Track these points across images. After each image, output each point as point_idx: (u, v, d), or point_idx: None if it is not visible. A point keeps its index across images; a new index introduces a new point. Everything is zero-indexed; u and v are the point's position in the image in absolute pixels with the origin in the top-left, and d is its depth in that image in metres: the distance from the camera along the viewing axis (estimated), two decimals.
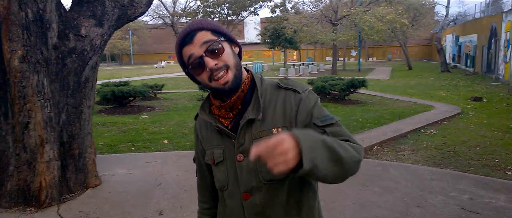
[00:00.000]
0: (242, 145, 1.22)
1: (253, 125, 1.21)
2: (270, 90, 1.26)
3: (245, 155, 1.22)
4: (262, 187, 1.23)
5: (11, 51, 3.84)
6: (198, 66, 1.17)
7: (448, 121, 8.70)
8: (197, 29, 1.19)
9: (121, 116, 10.08)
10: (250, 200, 1.25)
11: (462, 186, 4.39)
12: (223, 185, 1.30)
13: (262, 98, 1.23)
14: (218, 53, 1.17)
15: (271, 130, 1.21)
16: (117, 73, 32.26)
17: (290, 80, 1.29)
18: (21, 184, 4.07)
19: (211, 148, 1.31)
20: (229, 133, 1.23)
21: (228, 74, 1.18)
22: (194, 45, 1.17)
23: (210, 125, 1.30)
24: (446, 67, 25.80)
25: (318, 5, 29.25)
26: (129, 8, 4.95)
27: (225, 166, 1.27)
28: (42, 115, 4.04)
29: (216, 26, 1.23)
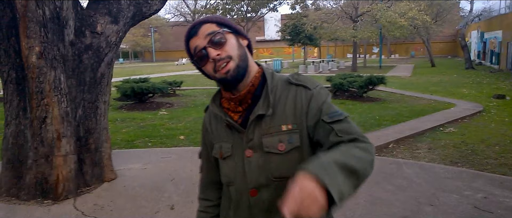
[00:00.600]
0: (251, 140, 1.21)
1: (263, 120, 1.20)
2: (281, 85, 1.25)
3: (254, 150, 1.22)
4: (271, 184, 1.22)
5: (29, 48, 3.96)
6: (202, 57, 1.19)
7: (468, 119, 8.50)
8: (203, 22, 1.21)
9: (140, 112, 10.25)
10: (258, 197, 1.24)
11: (477, 184, 4.30)
12: (231, 180, 1.28)
13: (272, 94, 1.22)
14: (221, 44, 1.18)
15: (281, 126, 1.20)
16: (138, 70, 32.75)
17: (301, 76, 1.27)
18: (39, 177, 4.20)
19: (220, 142, 1.30)
20: (238, 127, 1.23)
21: (230, 64, 1.17)
22: (198, 37, 1.19)
23: (219, 118, 1.29)
24: (470, 64, 25.18)
25: (339, 2, 28.96)
26: (144, 6, 5.03)
27: (233, 161, 1.26)
28: (59, 109, 4.15)
29: (221, 19, 1.24)
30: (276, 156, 1.19)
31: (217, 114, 1.29)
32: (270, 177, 1.21)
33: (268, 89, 1.21)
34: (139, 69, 36.02)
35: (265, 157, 1.20)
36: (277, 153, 1.19)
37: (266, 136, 1.20)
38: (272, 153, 1.20)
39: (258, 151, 1.21)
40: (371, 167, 1.10)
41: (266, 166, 1.21)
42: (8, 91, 4.36)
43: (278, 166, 1.20)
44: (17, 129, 4.36)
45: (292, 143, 1.19)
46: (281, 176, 1.20)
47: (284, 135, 1.19)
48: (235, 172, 1.26)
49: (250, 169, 1.22)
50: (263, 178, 1.21)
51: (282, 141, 1.19)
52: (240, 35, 1.25)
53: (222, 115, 1.26)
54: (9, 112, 4.39)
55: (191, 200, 4.10)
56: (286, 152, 1.19)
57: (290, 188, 0.92)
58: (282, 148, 1.19)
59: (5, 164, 4.38)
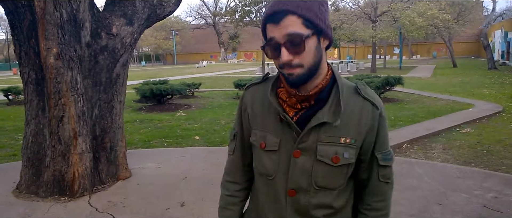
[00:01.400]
0: (303, 142, 1.15)
1: (323, 126, 1.14)
2: (347, 94, 1.17)
3: (303, 152, 1.16)
4: (311, 190, 1.19)
5: (47, 49, 4.13)
6: (274, 51, 1.09)
7: (486, 120, 8.36)
8: (289, 12, 1.05)
9: (158, 113, 10.45)
10: (295, 198, 1.20)
11: (488, 184, 4.25)
12: (269, 174, 1.23)
13: (343, 103, 1.13)
14: (299, 51, 1.06)
15: (340, 138, 1.15)
16: (159, 73, 33.25)
17: (369, 89, 1.21)
18: (57, 174, 4.36)
19: (263, 131, 1.22)
20: (295, 127, 1.15)
21: (297, 70, 1.08)
22: (278, 28, 1.06)
23: (270, 107, 1.21)
24: (493, 64, 24.61)
25: (358, 2, 28.77)
26: (158, 7, 5.17)
27: (278, 157, 1.20)
28: (76, 109, 4.31)
29: (313, 13, 1.07)
30: (327, 166, 1.16)
31: (271, 103, 1.19)
32: (313, 184, 1.18)
33: (340, 99, 1.13)
34: (160, 71, 36.57)
35: (314, 163, 1.16)
36: (328, 164, 1.16)
37: (322, 144, 1.14)
38: (324, 162, 1.15)
39: (308, 155, 1.16)
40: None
41: (313, 172, 1.17)
42: (28, 92, 4.55)
43: (325, 176, 1.17)
44: (36, 128, 4.54)
45: (347, 158, 1.16)
46: (325, 186, 1.18)
47: (341, 147, 1.15)
48: (277, 168, 1.21)
49: (294, 170, 1.18)
50: (305, 182, 1.18)
51: (338, 154, 1.15)
52: (324, 34, 1.12)
53: (279, 108, 1.17)
54: (29, 112, 4.58)
55: (201, 197, 4.19)
56: (338, 165, 1.16)
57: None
58: (336, 160, 1.15)
59: (25, 162, 4.57)
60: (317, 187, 1.18)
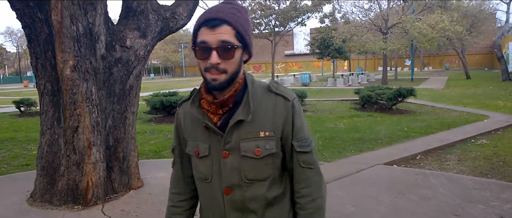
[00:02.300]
0: (228, 143, 1.27)
1: (242, 125, 1.26)
2: (260, 92, 1.30)
3: (230, 152, 1.28)
4: (243, 185, 1.30)
5: (64, 61, 4.20)
6: (204, 53, 1.19)
7: (502, 131, 8.24)
8: (225, 22, 1.18)
9: (168, 124, 10.50)
10: (231, 195, 1.31)
11: (505, 195, 4.18)
12: (206, 178, 1.34)
13: (252, 101, 1.27)
14: (227, 57, 1.19)
15: (258, 132, 1.27)
16: (168, 85, 33.51)
17: (281, 86, 1.34)
18: (71, 183, 4.40)
19: (195, 140, 1.34)
20: (217, 131, 1.27)
21: (222, 76, 1.20)
22: (213, 34, 1.17)
23: (197, 119, 1.32)
24: (507, 76, 24.32)
25: (368, 14, 28.77)
26: (171, 21, 5.24)
27: (210, 160, 1.32)
28: (90, 119, 4.36)
29: (243, 28, 1.22)
30: (251, 160, 1.28)
31: (195, 115, 1.32)
32: (243, 178, 1.29)
33: (248, 96, 1.27)
34: (169, 84, 36.86)
35: (240, 159, 1.28)
36: (253, 157, 1.27)
37: (244, 141, 1.27)
38: (248, 157, 1.27)
39: (234, 153, 1.28)
40: (324, 198, 1.40)
41: (241, 168, 1.28)
42: (44, 102, 4.62)
43: (252, 169, 1.29)
44: (51, 138, 4.60)
45: (268, 149, 1.28)
46: (254, 179, 1.30)
47: (261, 141, 1.27)
48: (211, 171, 1.32)
49: (225, 169, 1.29)
50: (237, 178, 1.29)
51: (259, 147, 1.27)
52: (247, 50, 1.27)
53: (201, 117, 1.29)
54: (44, 122, 4.65)
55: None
56: (261, 157, 1.28)
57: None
58: (258, 153, 1.27)
59: (39, 171, 4.62)
60: (247, 180, 1.29)
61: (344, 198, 4.22)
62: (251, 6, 31.71)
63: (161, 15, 5.10)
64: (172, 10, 5.24)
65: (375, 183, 4.76)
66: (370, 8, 28.86)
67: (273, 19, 32.19)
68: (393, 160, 5.93)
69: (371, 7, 28.86)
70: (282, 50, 58.49)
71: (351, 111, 12.11)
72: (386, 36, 25.89)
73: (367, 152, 6.64)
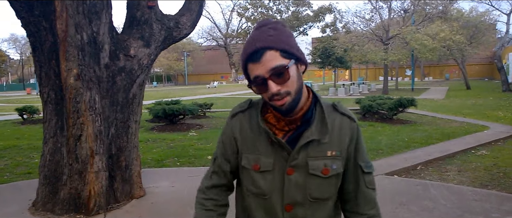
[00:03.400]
0: (295, 160, 1.25)
1: (311, 143, 1.24)
2: (327, 111, 1.28)
3: (296, 169, 1.26)
4: (306, 203, 1.28)
5: (68, 70, 4.24)
6: (262, 86, 1.18)
7: (502, 142, 8.25)
8: (266, 48, 1.16)
9: (170, 133, 10.53)
10: (292, 213, 1.29)
11: (506, 207, 4.19)
12: (265, 193, 1.30)
13: (329, 121, 1.27)
14: (284, 80, 1.16)
15: (326, 152, 1.27)
16: (171, 93, 33.58)
17: (344, 106, 1.34)
18: (73, 192, 4.42)
19: (256, 154, 1.30)
20: (286, 147, 1.24)
21: (286, 98, 1.18)
22: (261, 65, 1.16)
23: (260, 131, 1.29)
24: (507, 86, 24.38)
25: (369, 24, 28.94)
26: (175, 30, 5.30)
27: (272, 176, 1.28)
28: (93, 128, 4.39)
29: (286, 43, 1.19)
30: (318, 178, 1.27)
31: (260, 127, 1.28)
32: (307, 197, 1.27)
33: (325, 117, 1.26)
34: (172, 92, 36.94)
35: (306, 177, 1.26)
36: (320, 176, 1.27)
37: (312, 159, 1.25)
38: (316, 175, 1.26)
39: (300, 171, 1.26)
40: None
41: (307, 186, 1.27)
42: (48, 111, 4.66)
43: (318, 188, 1.28)
44: (54, 146, 4.63)
45: (335, 169, 1.28)
46: (319, 198, 1.29)
47: (329, 160, 1.27)
48: (273, 186, 1.29)
49: (289, 186, 1.27)
50: (300, 196, 1.27)
51: (327, 166, 1.27)
52: (300, 61, 1.23)
53: (269, 132, 1.26)
54: (47, 130, 4.68)
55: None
56: (328, 177, 1.28)
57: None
58: (326, 172, 1.27)
59: (42, 180, 4.64)
60: (311, 199, 1.28)
61: None
62: (254, 15, 31.89)
63: (165, 24, 5.15)
64: (176, 20, 5.30)
65: (376, 194, 4.76)
66: (371, 18, 29.13)
67: None
68: (394, 170, 5.94)
69: (372, 18, 29.12)
70: None
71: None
72: (387, 46, 25.99)
73: None
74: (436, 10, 27.05)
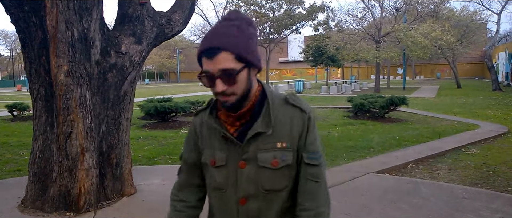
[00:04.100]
0: (246, 153, 1.28)
1: (260, 136, 1.28)
2: (278, 104, 1.31)
3: (247, 162, 1.29)
4: (260, 195, 1.31)
5: (58, 67, 4.20)
6: (209, 81, 1.21)
7: (492, 141, 8.34)
8: (221, 49, 1.16)
9: (162, 131, 10.48)
10: (246, 206, 1.32)
11: (495, 205, 4.23)
12: (221, 188, 1.34)
13: (273, 114, 1.29)
14: (231, 82, 1.19)
15: (276, 144, 1.29)
16: (163, 91, 33.44)
17: (298, 98, 1.35)
18: (63, 190, 4.38)
19: (212, 149, 1.34)
20: (235, 141, 1.28)
21: (231, 98, 1.21)
22: (213, 63, 1.17)
23: (214, 129, 1.33)
24: (497, 85, 24.64)
25: (362, 23, 29.04)
26: (167, 27, 5.26)
27: (226, 170, 1.32)
28: (84, 125, 4.35)
29: (243, 47, 1.19)
30: (269, 170, 1.29)
31: (212, 125, 1.33)
32: (260, 188, 1.30)
33: (269, 109, 1.29)
34: (164, 89, 36.78)
35: (257, 170, 1.29)
36: (270, 168, 1.28)
37: (261, 151, 1.28)
38: (266, 167, 1.28)
39: (251, 164, 1.29)
40: (328, 214, 1.37)
41: (258, 178, 1.29)
42: (37, 108, 4.61)
43: (269, 179, 1.30)
44: (44, 143, 4.58)
45: (284, 160, 1.29)
46: (271, 189, 1.31)
47: (278, 152, 1.29)
48: (227, 180, 1.32)
49: (241, 179, 1.30)
50: (253, 189, 1.30)
51: (276, 158, 1.28)
52: (253, 66, 1.24)
53: (219, 128, 1.31)
54: (37, 127, 4.63)
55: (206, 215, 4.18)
56: (278, 168, 1.29)
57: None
58: (275, 164, 1.28)
59: (31, 177, 4.59)
60: (264, 191, 1.30)
61: (336, 207, 4.24)
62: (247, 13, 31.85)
63: (156, 21, 5.12)
64: (167, 17, 5.27)
65: (367, 192, 4.79)
66: (364, 17, 29.17)
67: (268, 27, 32.36)
68: (385, 169, 5.98)
69: (364, 16, 29.17)
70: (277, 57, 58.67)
71: (344, 118, 12.18)
72: (379, 44, 26.11)
73: (360, 160, 6.68)
74: (428, 9, 27.24)
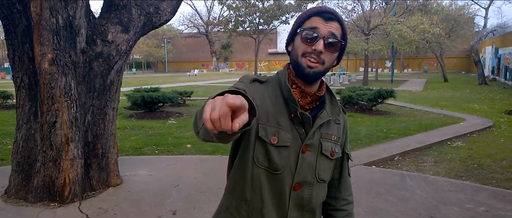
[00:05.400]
0: (311, 139, 1.28)
1: (324, 124, 1.30)
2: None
3: (309, 148, 1.28)
4: (314, 183, 1.31)
5: (42, 54, 4.10)
6: (310, 38, 1.21)
7: (477, 134, 8.45)
8: (339, 20, 1.24)
9: (149, 121, 10.39)
10: (299, 192, 1.29)
11: (479, 198, 4.29)
12: (278, 169, 1.25)
13: (340, 105, 1.38)
14: (330, 51, 1.23)
15: (333, 136, 1.33)
16: (151, 80, 33.14)
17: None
18: (47, 180, 4.31)
19: (276, 128, 1.24)
20: (310, 124, 1.26)
21: (319, 66, 1.22)
22: (326, 25, 1.21)
23: (283, 105, 1.26)
24: (483, 79, 24.96)
25: (351, 15, 29.07)
26: (154, 16, 5.17)
27: (288, 152, 1.25)
28: (69, 115, 4.27)
29: (346, 32, 1.29)
30: (326, 160, 1.32)
31: (285, 101, 1.26)
32: (316, 177, 1.31)
33: (333, 98, 1.36)
34: (151, 79, 36.46)
35: (318, 157, 1.30)
36: (328, 157, 1.32)
37: (324, 140, 1.30)
38: (325, 156, 1.31)
39: (312, 150, 1.29)
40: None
41: (317, 166, 1.30)
42: (21, 96, 4.50)
43: (325, 169, 1.33)
44: (27, 133, 4.49)
45: (337, 152, 1.36)
46: (323, 179, 1.34)
47: (333, 143, 1.34)
48: (286, 163, 1.26)
49: (302, 164, 1.27)
50: (310, 176, 1.30)
51: (333, 149, 1.33)
52: (342, 52, 1.30)
53: (295, 105, 1.24)
54: (20, 116, 4.53)
55: (193, 206, 4.16)
56: (333, 159, 1.35)
57: None
58: (333, 154, 1.33)
59: (15, 167, 4.50)
60: (319, 180, 1.31)
61: None
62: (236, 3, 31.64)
63: (144, 10, 5.03)
64: (155, 5, 5.17)
65: (354, 184, 4.81)
66: (353, 9, 29.17)
67: (257, 17, 32.20)
68: (372, 161, 6.02)
69: (354, 8, 29.17)
70: (266, 48, 58.56)
71: None
72: (368, 37, 26.20)
73: None
74: (417, 3, 27.36)
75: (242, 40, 56.09)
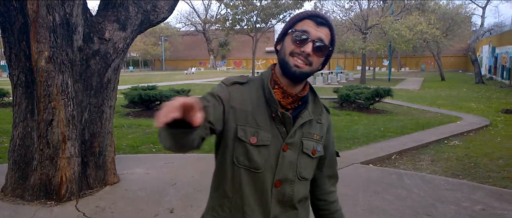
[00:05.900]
0: (292, 138, 1.31)
1: (306, 123, 1.34)
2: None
3: (290, 147, 1.31)
4: (295, 181, 1.34)
5: (38, 52, 4.08)
6: (300, 40, 1.26)
7: (474, 133, 8.48)
8: (330, 26, 1.30)
9: (146, 119, 10.37)
10: (280, 189, 1.33)
11: (476, 196, 4.30)
12: (259, 168, 1.29)
13: (322, 105, 1.42)
14: (318, 55, 1.28)
15: (314, 135, 1.37)
16: (148, 78, 33.07)
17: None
18: (44, 178, 4.29)
19: (255, 128, 1.28)
20: (291, 122, 1.30)
21: (306, 67, 1.27)
22: (317, 29, 1.27)
23: (264, 106, 1.30)
24: (480, 78, 25.04)
25: (349, 14, 29.06)
26: (152, 14, 5.16)
27: (268, 151, 1.29)
28: (65, 113, 4.26)
29: (335, 40, 1.35)
30: (308, 158, 1.36)
31: (265, 101, 1.31)
32: (297, 175, 1.34)
33: (316, 98, 1.40)
34: (148, 77, 36.38)
35: (299, 156, 1.34)
36: (309, 156, 1.36)
37: (305, 139, 1.34)
38: (307, 155, 1.35)
39: (293, 149, 1.32)
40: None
41: (298, 164, 1.34)
42: (17, 94, 4.49)
43: (306, 167, 1.37)
44: (24, 131, 4.48)
45: (319, 151, 1.39)
46: (304, 177, 1.37)
47: (315, 142, 1.37)
48: (267, 161, 1.30)
49: (283, 162, 1.31)
50: (291, 174, 1.33)
51: (315, 147, 1.37)
52: (329, 57, 1.36)
53: (276, 105, 1.29)
54: (17, 114, 4.51)
55: (190, 204, 4.16)
56: (314, 157, 1.38)
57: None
58: (314, 153, 1.37)
59: (11, 165, 4.49)
60: (300, 177, 1.35)
61: None
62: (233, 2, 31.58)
63: (141, 7, 5.00)
64: (153, 3, 5.15)
65: (352, 182, 4.82)
66: (351, 8, 29.16)
67: (254, 16, 32.14)
68: (369, 159, 6.03)
69: (351, 7, 29.16)
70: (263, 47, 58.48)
71: (330, 109, 12.22)
72: (365, 36, 26.21)
73: (345, 150, 6.71)
74: (414, 1, 27.39)
75: (240, 39, 56.06)
